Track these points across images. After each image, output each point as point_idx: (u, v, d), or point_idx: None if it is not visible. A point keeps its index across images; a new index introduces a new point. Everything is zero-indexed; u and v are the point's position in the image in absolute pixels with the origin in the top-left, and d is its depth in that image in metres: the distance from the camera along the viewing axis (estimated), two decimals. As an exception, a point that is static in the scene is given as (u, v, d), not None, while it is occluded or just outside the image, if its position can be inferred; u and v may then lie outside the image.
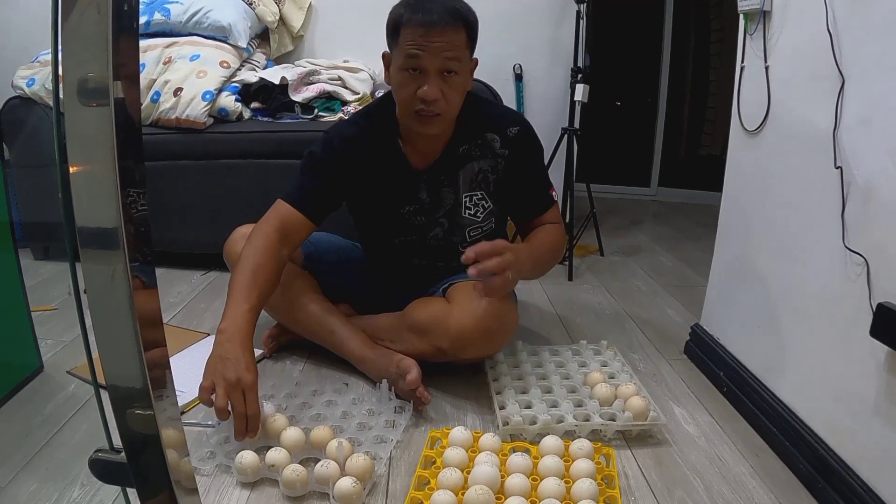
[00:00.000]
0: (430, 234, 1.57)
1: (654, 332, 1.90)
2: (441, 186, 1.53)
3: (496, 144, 1.51)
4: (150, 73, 2.35)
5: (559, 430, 1.30)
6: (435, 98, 1.35)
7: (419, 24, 1.31)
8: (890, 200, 1.00)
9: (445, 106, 1.38)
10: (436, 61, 1.33)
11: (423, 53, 1.32)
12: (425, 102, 1.35)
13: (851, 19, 1.10)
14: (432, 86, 1.34)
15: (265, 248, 1.40)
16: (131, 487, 0.60)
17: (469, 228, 1.56)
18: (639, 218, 3.57)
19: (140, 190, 0.52)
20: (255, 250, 1.39)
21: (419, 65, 1.34)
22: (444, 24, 1.31)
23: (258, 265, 1.37)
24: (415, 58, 1.33)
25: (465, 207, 1.54)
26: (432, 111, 1.37)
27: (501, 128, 1.51)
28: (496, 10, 2.79)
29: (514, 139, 1.51)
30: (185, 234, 2.34)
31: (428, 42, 1.31)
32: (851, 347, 1.08)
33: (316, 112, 2.39)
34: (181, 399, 1.42)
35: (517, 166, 1.53)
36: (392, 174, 1.52)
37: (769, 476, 1.22)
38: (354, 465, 1.13)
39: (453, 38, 1.33)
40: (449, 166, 1.52)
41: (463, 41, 1.35)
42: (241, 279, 1.35)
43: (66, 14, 0.48)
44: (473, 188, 1.53)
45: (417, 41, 1.32)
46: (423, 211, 1.54)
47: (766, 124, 1.40)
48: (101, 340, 0.54)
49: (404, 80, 1.37)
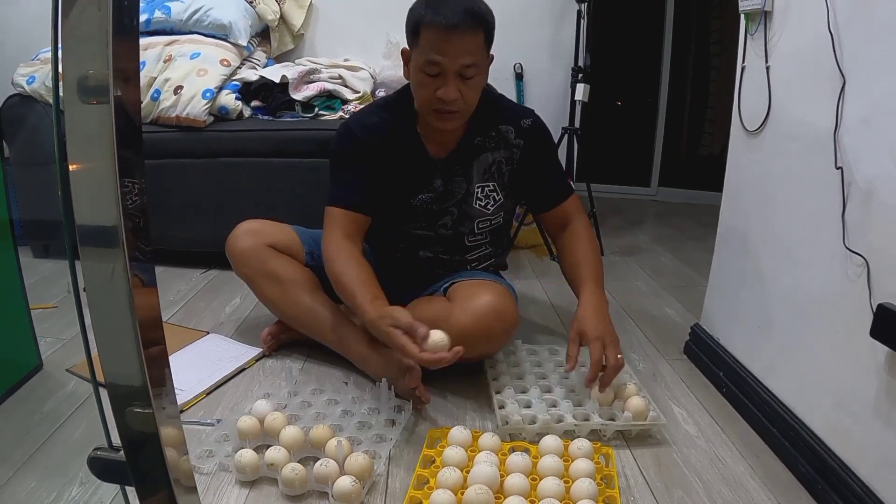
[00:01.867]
0: (439, 221, 1.58)
1: (653, 332, 1.90)
2: (455, 175, 1.54)
3: (511, 136, 1.55)
4: (151, 71, 2.35)
5: (559, 430, 1.30)
6: (454, 99, 1.38)
7: (439, 26, 1.32)
8: (890, 201, 1.00)
9: (463, 105, 1.41)
10: (454, 65, 1.35)
11: (442, 57, 1.34)
12: (443, 103, 1.38)
13: (852, 20, 1.10)
14: (451, 88, 1.37)
15: (350, 255, 1.45)
16: (130, 486, 0.60)
17: (478, 220, 1.58)
18: (639, 218, 3.57)
19: (140, 188, 0.52)
20: (346, 262, 1.43)
21: (439, 68, 1.36)
22: (464, 27, 1.33)
23: (357, 268, 1.42)
24: (434, 63, 1.36)
25: (477, 198, 1.56)
26: (451, 110, 1.41)
27: (515, 120, 1.56)
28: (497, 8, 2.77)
29: (528, 130, 1.56)
30: (185, 232, 2.34)
31: (447, 46, 1.33)
32: (851, 348, 1.08)
33: (316, 111, 2.38)
34: (180, 397, 1.42)
35: (533, 156, 1.57)
36: (410, 162, 1.54)
37: (769, 477, 1.21)
38: (354, 464, 1.13)
39: (472, 41, 1.35)
40: (464, 156, 1.54)
41: (481, 43, 1.38)
42: (354, 285, 1.39)
43: (67, 12, 0.48)
44: (486, 179, 1.55)
45: (436, 44, 1.34)
46: (436, 199, 1.56)
47: (766, 124, 1.40)
48: (100, 338, 0.54)
49: (424, 80, 1.40)
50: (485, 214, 1.57)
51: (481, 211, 1.57)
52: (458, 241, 1.60)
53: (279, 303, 1.60)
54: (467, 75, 1.38)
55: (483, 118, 1.53)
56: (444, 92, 1.37)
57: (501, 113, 1.56)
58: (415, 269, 1.63)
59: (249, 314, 1.94)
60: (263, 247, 1.61)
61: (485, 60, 1.42)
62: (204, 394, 1.46)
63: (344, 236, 1.47)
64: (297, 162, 2.25)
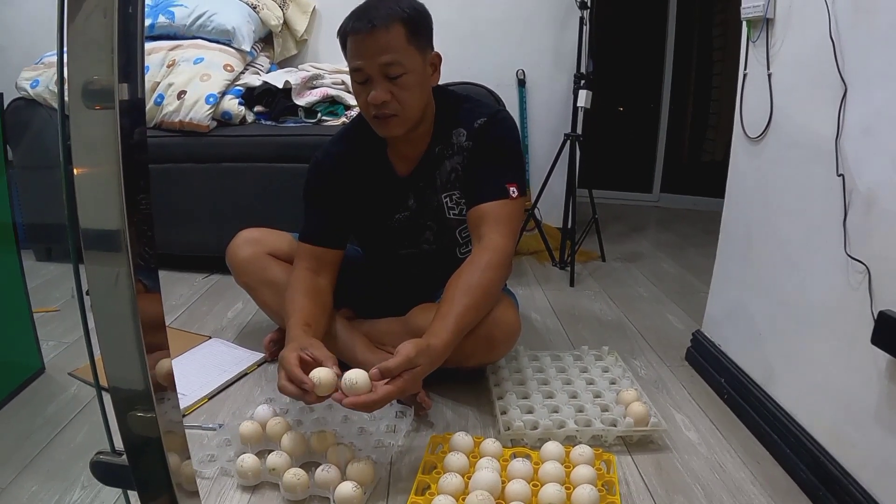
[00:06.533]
0: (421, 237, 1.56)
1: (655, 339, 1.89)
2: (425, 190, 1.52)
3: (462, 139, 1.47)
4: (154, 75, 2.36)
5: (560, 436, 1.30)
6: (382, 101, 1.34)
7: (355, 31, 1.31)
8: (892, 209, 1.00)
9: (398, 107, 1.36)
10: (374, 65, 1.32)
11: (361, 60, 1.32)
12: (377, 107, 1.35)
13: (854, 27, 1.10)
14: (377, 90, 1.33)
15: (304, 287, 1.44)
16: (132, 490, 0.60)
17: (459, 229, 1.55)
18: (641, 224, 3.57)
19: (144, 192, 0.52)
20: (294, 292, 1.43)
21: (362, 74, 1.34)
22: (378, 24, 1.29)
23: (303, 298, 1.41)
24: (357, 69, 1.34)
25: (449, 208, 1.52)
26: (386, 114, 1.37)
27: (470, 121, 1.47)
28: (500, 15, 2.81)
29: (479, 129, 1.46)
30: (188, 236, 2.35)
31: (363, 48, 1.31)
32: (853, 355, 1.08)
33: (319, 116, 2.39)
34: (183, 402, 1.42)
35: (478, 156, 1.46)
36: (380, 184, 1.52)
37: (770, 483, 1.21)
38: (355, 469, 1.13)
39: (387, 37, 1.30)
40: (427, 169, 1.51)
41: (401, 40, 1.31)
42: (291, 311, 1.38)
43: (73, 17, 0.48)
44: (448, 188, 1.51)
45: (354, 49, 1.33)
46: (412, 216, 1.55)
47: (768, 132, 1.40)
48: (103, 342, 0.54)
49: (356, 90, 1.39)
50: (463, 221, 1.53)
51: (458, 219, 1.53)
52: (446, 255, 1.57)
53: (280, 311, 1.59)
54: (391, 74, 1.32)
55: (443, 125, 1.49)
56: (373, 96, 1.33)
57: (459, 116, 1.48)
58: (411, 285, 1.63)
59: (251, 319, 1.95)
60: (263, 255, 1.62)
61: (411, 57, 1.34)
62: (206, 398, 1.46)
63: (307, 269, 1.48)
64: (300, 167, 2.23)
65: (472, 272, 1.33)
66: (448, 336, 1.24)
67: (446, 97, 1.50)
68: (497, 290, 1.39)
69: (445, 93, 1.51)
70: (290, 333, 1.31)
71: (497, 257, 1.35)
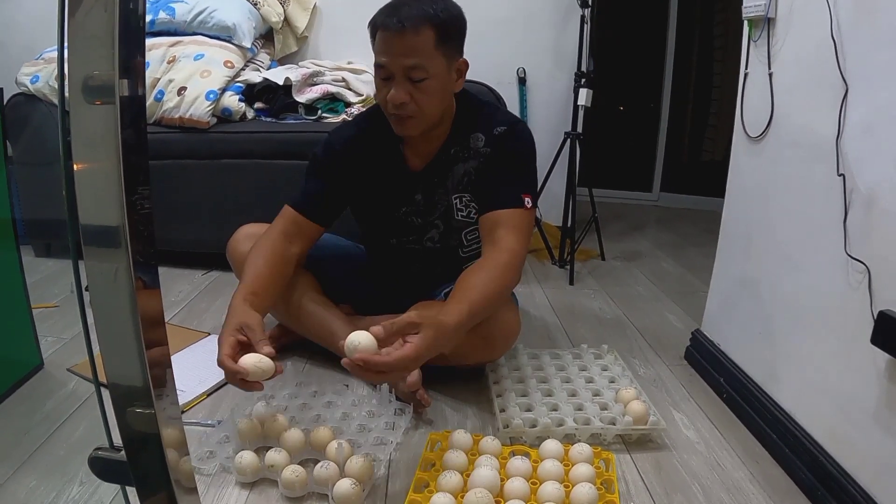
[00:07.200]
0: (426, 236, 1.57)
1: (654, 338, 1.90)
2: (435, 188, 1.53)
3: (480, 144, 1.48)
4: (155, 71, 2.36)
5: (559, 434, 1.30)
6: (401, 102, 1.34)
7: (385, 28, 1.31)
8: (892, 209, 1.00)
9: (416, 109, 1.36)
10: (398, 66, 1.32)
11: (386, 58, 1.32)
12: (395, 107, 1.35)
13: (856, 27, 1.10)
14: (397, 90, 1.33)
15: (269, 250, 1.42)
16: (131, 486, 0.60)
17: (465, 231, 1.56)
18: (641, 223, 3.57)
19: (144, 188, 0.52)
20: (258, 254, 1.41)
21: (386, 71, 1.34)
22: (406, 28, 1.29)
23: (263, 263, 1.39)
24: (381, 65, 1.34)
25: (457, 209, 1.53)
26: (403, 114, 1.37)
27: (489, 127, 1.48)
28: (501, 14, 2.80)
29: (499, 137, 1.47)
30: (187, 233, 2.35)
31: (390, 46, 1.31)
32: (852, 355, 1.08)
33: (319, 113, 2.39)
34: (182, 398, 1.42)
35: (495, 162, 1.47)
36: (389, 175, 1.53)
37: (768, 483, 1.21)
38: (354, 466, 1.13)
39: (415, 42, 1.30)
40: (441, 168, 1.51)
41: (429, 44, 1.31)
42: (246, 274, 1.36)
43: (73, 12, 0.48)
44: (460, 190, 1.52)
45: (381, 46, 1.33)
46: (419, 212, 1.55)
47: (768, 131, 1.40)
48: (102, 338, 0.54)
49: (378, 84, 1.39)
50: (471, 224, 1.54)
51: (466, 221, 1.54)
52: (449, 254, 1.58)
53: (279, 306, 1.59)
54: (414, 77, 1.32)
55: (461, 127, 1.49)
56: (392, 95, 1.34)
57: (478, 121, 1.49)
58: (411, 281, 1.63)
59: (250, 315, 1.94)
60: None
61: (437, 62, 1.34)
62: (205, 395, 1.46)
63: (281, 233, 1.47)
64: (300, 164, 2.23)
65: (491, 268, 1.33)
66: (460, 318, 1.19)
67: (467, 100, 1.51)
68: (508, 292, 1.41)
69: (466, 96, 1.51)
70: (232, 301, 1.29)
71: (514, 260, 1.37)
